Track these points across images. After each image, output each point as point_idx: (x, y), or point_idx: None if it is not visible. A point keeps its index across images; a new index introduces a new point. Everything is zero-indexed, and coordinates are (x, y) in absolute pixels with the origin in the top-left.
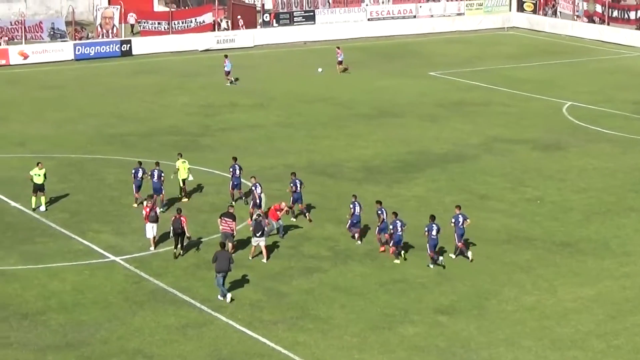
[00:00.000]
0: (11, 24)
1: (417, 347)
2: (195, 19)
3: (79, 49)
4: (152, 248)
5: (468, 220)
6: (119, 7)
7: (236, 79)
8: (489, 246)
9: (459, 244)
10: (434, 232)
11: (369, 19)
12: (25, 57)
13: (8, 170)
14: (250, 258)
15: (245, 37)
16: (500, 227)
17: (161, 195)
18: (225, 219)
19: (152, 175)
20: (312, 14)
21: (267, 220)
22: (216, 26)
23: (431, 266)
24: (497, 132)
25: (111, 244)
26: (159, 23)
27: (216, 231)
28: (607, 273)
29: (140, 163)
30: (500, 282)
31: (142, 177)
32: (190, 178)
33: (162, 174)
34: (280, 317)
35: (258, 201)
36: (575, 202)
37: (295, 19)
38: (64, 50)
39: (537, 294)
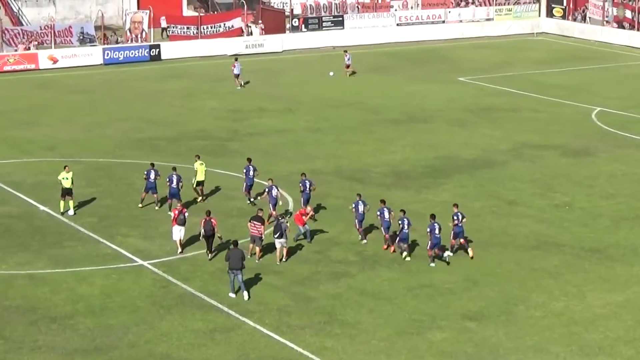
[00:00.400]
0: (41, 29)
1: (445, 352)
2: (224, 24)
3: (108, 53)
4: (179, 251)
5: (465, 218)
6: (148, 11)
7: (246, 83)
8: (517, 252)
9: (458, 241)
10: (436, 231)
11: (397, 24)
12: (55, 61)
13: (37, 174)
14: (277, 263)
15: (274, 42)
16: (529, 233)
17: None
18: (255, 222)
19: (170, 181)
20: (340, 19)
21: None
22: (245, 31)
23: (433, 264)
24: (526, 138)
25: (139, 248)
26: (187, 28)
27: (245, 235)
28: (636, 279)
29: (152, 165)
30: (529, 287)
31: (155, 179)
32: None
33: (181, 180)
34: (308, 322)
35: (274, 203)
36: (604, 207)
37: (324, 24)
38: (93, 55)
39: (565, 300)
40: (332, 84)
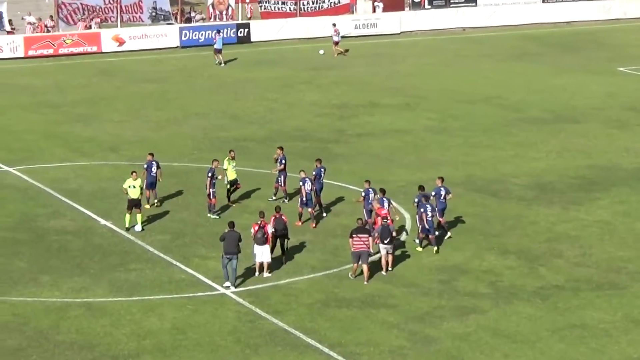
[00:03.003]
0: (105, 3)
1: None
2: None
3: (185, 34)
4: (256, 274)
5: (451, 194)
6: None
7: (227, 62)
8: None
9: (441, 219)
10: (429, 210)
11: (543, 1)
12: (121, 43)
13: (98, 180)
14: (383, 273)
15: (390, 22)
16: None
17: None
18: (359, 235)
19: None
20: None
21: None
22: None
23: (419, 249)
24: None
25: (221, 274)
26: (283, 3)
27: (349, 261)
28: None
29: (152, 155)
30: None
31: (156, 173)
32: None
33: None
34: None
35: (307, 199)
36: None
37: (452, 0)
38: (168, 36)
39: None
40: (461, 74)
